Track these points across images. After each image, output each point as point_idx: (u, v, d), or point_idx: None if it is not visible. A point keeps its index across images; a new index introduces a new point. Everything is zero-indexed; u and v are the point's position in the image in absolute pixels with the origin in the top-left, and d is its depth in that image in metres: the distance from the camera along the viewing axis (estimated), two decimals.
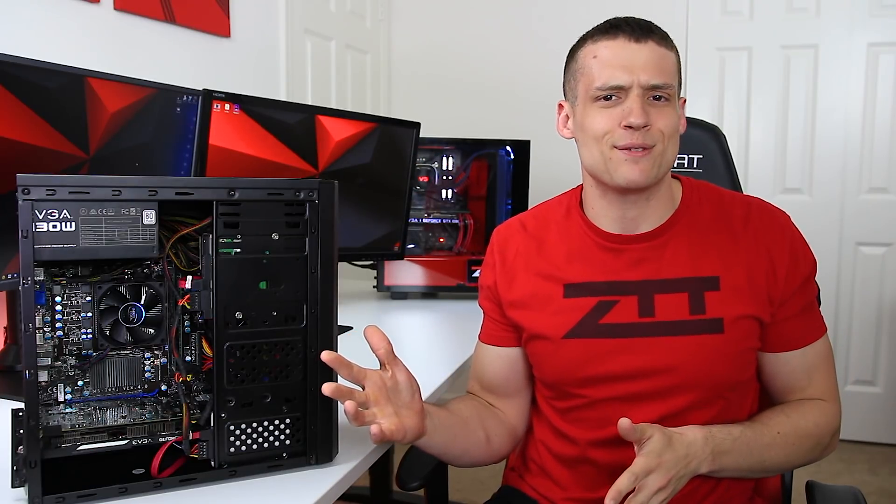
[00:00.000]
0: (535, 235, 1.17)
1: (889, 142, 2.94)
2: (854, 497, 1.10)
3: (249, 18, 2.44)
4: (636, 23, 1.04)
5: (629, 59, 1.02)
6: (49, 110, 1.21)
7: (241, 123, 1.62)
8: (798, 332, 1.09)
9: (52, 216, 0.77)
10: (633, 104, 1.01)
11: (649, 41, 1.02)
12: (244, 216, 0.87)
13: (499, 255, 1.19)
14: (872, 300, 3.03)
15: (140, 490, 0.83)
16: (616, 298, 1.08)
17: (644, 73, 1.01)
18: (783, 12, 3.00)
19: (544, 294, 1.13)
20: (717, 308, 1.06)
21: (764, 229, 1.09)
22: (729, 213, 1.11)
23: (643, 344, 1.06)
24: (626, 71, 1.01)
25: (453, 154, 2.28)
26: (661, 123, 1.02)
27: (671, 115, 1.03)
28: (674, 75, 1.04)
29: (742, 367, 1.08)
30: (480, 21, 3.32)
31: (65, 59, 1.31)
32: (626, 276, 1.09)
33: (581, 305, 1.10)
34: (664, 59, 1.03)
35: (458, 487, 2.47)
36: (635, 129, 1.01)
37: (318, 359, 0.90)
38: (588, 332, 1.08)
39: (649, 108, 1.02)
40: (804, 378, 1.10)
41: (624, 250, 1.10)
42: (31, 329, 0.77)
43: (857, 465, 2.86)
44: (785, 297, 1.07)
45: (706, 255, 1.08)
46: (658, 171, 1.04)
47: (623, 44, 1.02)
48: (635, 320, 1.07)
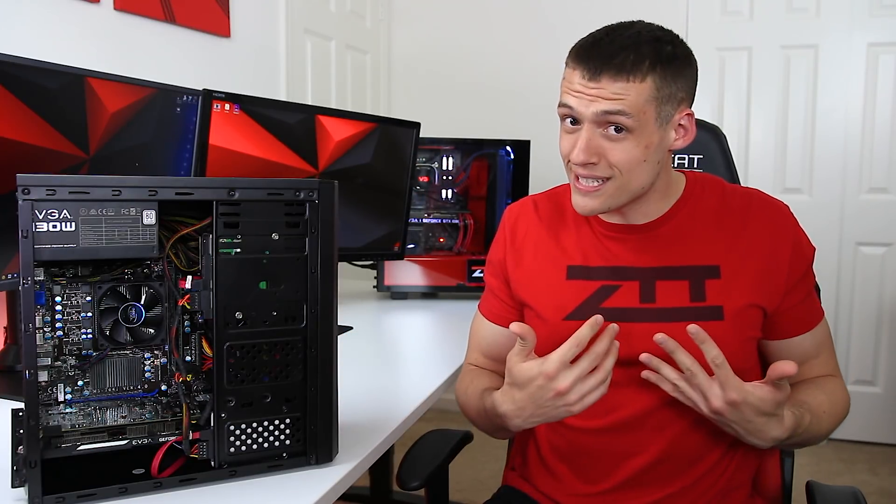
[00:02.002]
0: (545, 217, 1.19)
1: (889, 142, 2.95)
2: (854, 497, 1.11)
3: (249, 18, 2.44)
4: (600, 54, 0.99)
5: (581, 89, 1.00)
6: (49, 110, 1.21)
7: (241, 123, 1.62)
8: (806, 316, 1.13)
9: (52, 216, 0.77)
10: (579, 138, 1.02)
11: (602, 76, 0.98)
12: (244, 216, 0.87)
13: (510, 232, 1.21)
14: (872, 300, 3.03)
15: (140, 490, 0.83)
16: (618, 283, 1.10)
17: (593, 105, 0.99)
18: (783, 12, 3.00)
19: (548, 274, 1.15)
20: (717, 296, 1.07)
21: (765, 220, 1.10)
22: (730, 203, 1.13)
23: (643, 329, 1.07)
24: (576, 101, 1.01)
25: (453, 154, 2.28)
26: (615, 157, 1.01)
27: (627, 149, 1.00)
28: (638, 106, 0.98)
29: (742, 357, 1.08)
30: (480, 21, 3.32)
31: (65, 59, 1.31)
32: (629, 262, 1.11)
33: (583, 288, 1.12)
34: (623, 90, 0.98)
35: (458, 488, 2.47)
36: (580, 165, 1.02)
37: (318, 359, 0.90)
38: (589, 315, 1.08)
39: (602, 141, 1.01)
40: (814, 357, 1.15)
41: (625, 239, 1.12)
42: (31, 329, 0.77)
43: (857, 465, 2.86)
44: (790, 285, 1.09)
45: (707, 244, 1.10)
46: (616, 201, 1.05)
47: (578, 75, 1.01)
48: (636, 305, 1.09)
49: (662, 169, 1.07)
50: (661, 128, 1.02)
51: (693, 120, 1.06)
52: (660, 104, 1.00)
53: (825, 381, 1.15)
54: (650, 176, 1.05)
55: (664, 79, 1.00)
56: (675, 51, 1.02)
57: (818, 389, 1.12)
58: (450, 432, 1.38)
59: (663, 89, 1.00)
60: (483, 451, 2.76)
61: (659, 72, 0.99)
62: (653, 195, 1.09)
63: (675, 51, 1.01)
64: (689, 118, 1.05)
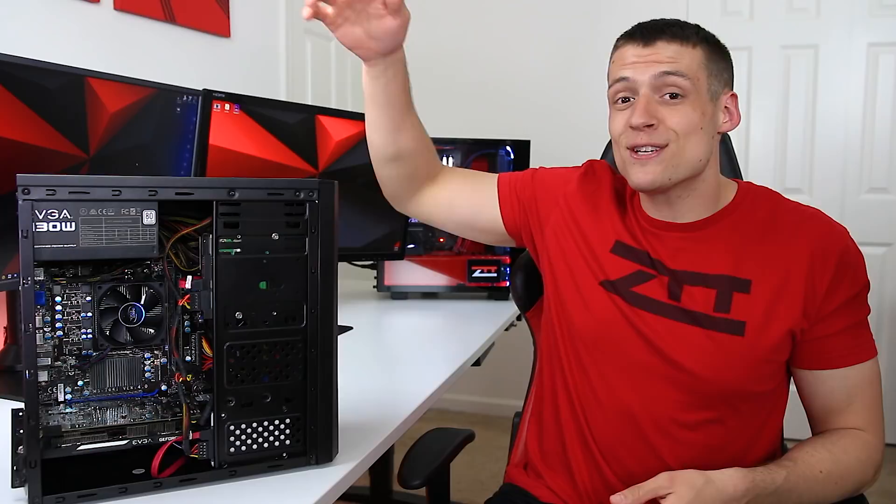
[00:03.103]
0: (615, 189, 1.20)
1: (889, 142, 2.94)
2: (854, 497, 1.10)
3: (249, 18, 2.44)
4: (652, 25, 1.05)
5: (636, 59, 1.04)
6: (49, 110, 1.21)
7: (241, 123, 1.62)
8: (839, 351, 1.05)
9: (52, 216, 0.77)
10: (637, 104, 1.03)
11: (658, 41, 1.03)
12: (244, 216, 0.87)
13: (579, 179, 1.22)
14: (872, 300, 2.98)
15: (140, 490, 0.83)
16: (653, 273, 1.10)
17: (650, 69, 1.03)
18: (783, 12, 3.00)
19: (597, 239, 1.15)
20: (742, 311, 1.04)
21: (814, 241, 1.05)
22: (782, 220, 1.09)
23: (663, 325, 1.07)
24: (632, 69, 1.04)
25: (453, 154, 2.27)
26: (673, 121, 1.02)
27: (685, 113, 1.02)
28: (693, 69, 1.02)
29: (756, 377, 1.05)
30: (480, 21, 3.32)
31: (65, 59, 1.31)
32: (664, 258, 1.10)
33: (623, 266, 1.12)
34: (677, 54, 1.02)
35: (459, 487, 2.47)
36: (639, 130, 1.02)
37: (318, 359, 0.90)
38: (620, 293, 1.11)
39: (659, 107, 1.03)
40: (843, 401, 1.05)
41: (666, 237, 1.11)
42: (31, 329, 0.77)
43: None
44: (823, 313, 1.03)
45: (745, 257, 1.06)
46: (674, 172, 1.04)
47: (632, 47, 1.05)
48: (663, 300, 1.08)
49: (713, 156, 1.07)
50: (711, 101, 1.05)
51: (737, 104, 1.08)
52: (710, 75, 1.04)
53: (842, 434, 1.05)
54: (706, 149, 1.04)
55: (712, 53, 1.05)
56: (716, 38, 1.08)
57: (822, 445, 1.04)
58: (451, 431, 1.38)
59: (712, 62, 1.05)
60: (483, 450, 2.76)
61: (707, 46, 1.05)
62: (704, 189, 1.08)
63: (715, 38, 1.08)
64: (734, 101, 1.08)
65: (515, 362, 2.27)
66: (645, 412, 1.08)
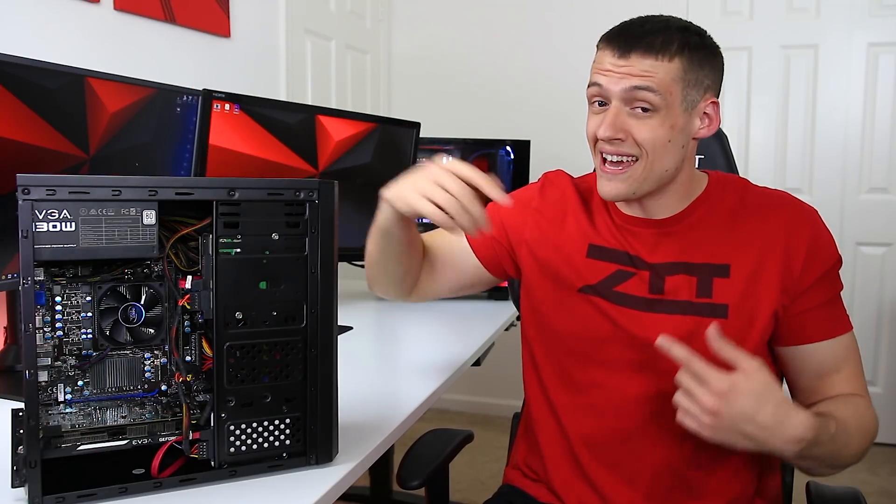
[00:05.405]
0: (579, 193, 1.21)
1: (889, 142, 2.95)
2: (854, 497, 1.11)
3: (249, 18, 2.44)
4: (631, 32, 1.03)
5: (611, 67, 1.03)
6: (49, 110, 1.21)
7: (241, 123, 1.62)
8: (821, 324, 1.08)
9: (52, 216, 0.77)
10: (607, 115, 1.04)
11: (632, 53, 1.01)
12: (244, 216, 0.86)
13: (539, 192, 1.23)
14: (872, 300, 3.03)
15: (140, 490, 0.83)
16: (633, 270, 1.11)
17: (622, 81, 1.02)
18: (783, 12, 3.00)
19: (570, 247, 1.16)
20: (723, 294, 1.07)
21: (783, 220, 1.09)
22: (752, 204, 1.12)
23: (650, 319, 1.09)
24: (606, 78, 1.03)
25: (453, 154, 2.28)
26: (641, 136, 1.02)
27: (653, 128, 1.02)
28: (665, 84, 1.01)
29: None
30: (480, 21, 3.32)
31: (65, 59, 1.31)
32: (642, 254, 1.12)
33: (601, 269, 1.13)
34: (652, 68, 1.00)
35: (458, 487, 2.47)
36: (606, 141, 1.04)
37: (318, 359, 0.90)
38: (603, 294, 1.12)
39: (628, 119, 1.03)
40: (833, 370, 1.09)
41: (641, 233, 1.13)
42: (31, 329, 0.77)
43: (857, 465, 2.85)
44: (802, 287, 1.07)
45: (720, 243, 1.09)
46: (639, 187, 1.05)
47: (609, 54, 1.04)
48: (645, 295, 1.10)
49: (686, 159, 1.08)
50: (686, 111, 1.04)
51: (718, 109, 1.07)
52: (686, 87, 1.03)
53: (850, 398, 1.08)
54: (675, 160, 1.05)
55: (691, 63, 1.03)
56: (703, 41, 1.05)
57: (843, 404, 1.06)
58: (450, 432, 1.38)
59: (690, 73, 1.03)
60: (483, 451, 2.76)
61: (686, 56, 1.02)
62: (675, 189, 1.10)
63: (702, 41, 1.05)
64: (715, 107, 1.07)
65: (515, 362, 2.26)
66: (639, 411, 1.09)
